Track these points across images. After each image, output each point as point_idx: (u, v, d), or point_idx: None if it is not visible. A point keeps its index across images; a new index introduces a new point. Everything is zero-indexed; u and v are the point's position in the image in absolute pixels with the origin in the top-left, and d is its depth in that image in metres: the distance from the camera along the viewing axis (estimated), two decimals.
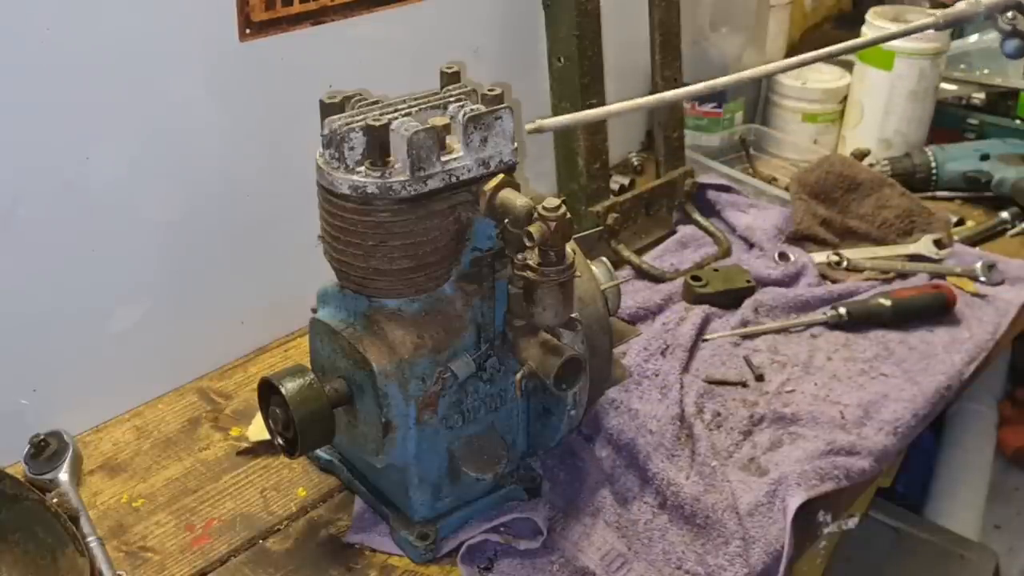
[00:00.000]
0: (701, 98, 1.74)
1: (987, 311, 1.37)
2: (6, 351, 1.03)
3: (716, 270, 1.41)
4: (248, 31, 1.10)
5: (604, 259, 1.09)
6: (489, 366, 0.95)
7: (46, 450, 1.02)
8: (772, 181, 1.67)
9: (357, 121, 0.85)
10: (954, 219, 1.58)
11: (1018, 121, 1.77)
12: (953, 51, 1.79)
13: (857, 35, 1.72)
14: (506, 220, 0.86)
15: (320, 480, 1.07)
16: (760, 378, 1.23)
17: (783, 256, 1.45)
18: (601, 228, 1.40)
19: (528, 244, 0.84)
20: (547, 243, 0.83)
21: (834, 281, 1.43)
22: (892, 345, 1.30)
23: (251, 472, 1.08)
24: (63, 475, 1.01)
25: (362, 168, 0.85)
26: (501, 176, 0.87)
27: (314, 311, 0.96)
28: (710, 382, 1.21)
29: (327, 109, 0.89)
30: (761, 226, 1.51)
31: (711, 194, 1.59)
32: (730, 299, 1.36)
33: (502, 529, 0.98)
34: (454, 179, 0.86)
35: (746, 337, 1.31)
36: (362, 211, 0.85)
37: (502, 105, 0.88)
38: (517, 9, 1.43)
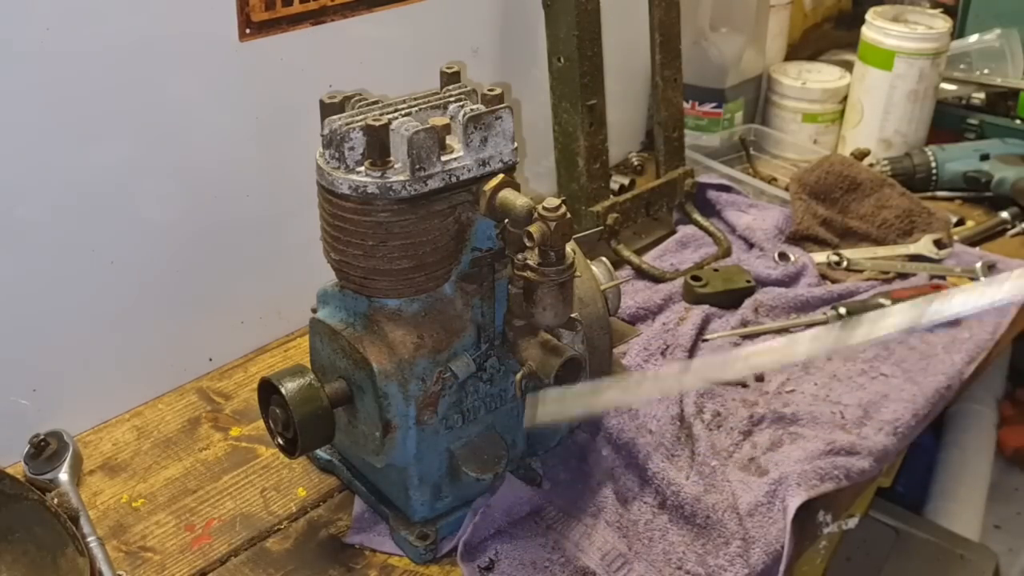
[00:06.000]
0: (701, 98, 1.74)
1: (987, 311, 1.37)
2: (6, 351, 1.03)
3: (716, 270, 1.41)
4: (248, 31, 1.10)
5: (604, 259, 1.09)
6: (489, 366, 0.95)
7: (46, 450, 1.02)
8: (772, 181, 1.67)
9: (357, 121, 0.85)
10: (954, 219, 1.58)
11: (1018, 121, 1.77)
12: (953, 51, 1.79)
13: (857, 35, 1.73)
14: (506, 220, 0.86)
15: (320, 480, 1.07)
16: (760, 378, 1.23)
17: (783, 256, 1.45)
18: (601, 228, 1.40)
19: (528, 244, 0.84)
20: (547, 243, 0.83)
21: (834, 281, 1.43)
22: (892, 345, 1.29)
23: (251, 472, 1.08)
24: (63, 475, 1.01)
25: (362, 168, 0.85)
26: (501, 176, 0.87)
27: (314, 311, 0.96)
28: None
29: (327, 109, 0.89)
30: (761, 226, 1.51)
31: (711, 194, 1.59)
32: (730, 299, 1.36)
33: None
34: (454, 179, 0.86)
35: (746, 337, 1.30)
36: (362, 211, 0.85)
37: (502, 105, 0.88)
38: (517, 9, 1.43)
